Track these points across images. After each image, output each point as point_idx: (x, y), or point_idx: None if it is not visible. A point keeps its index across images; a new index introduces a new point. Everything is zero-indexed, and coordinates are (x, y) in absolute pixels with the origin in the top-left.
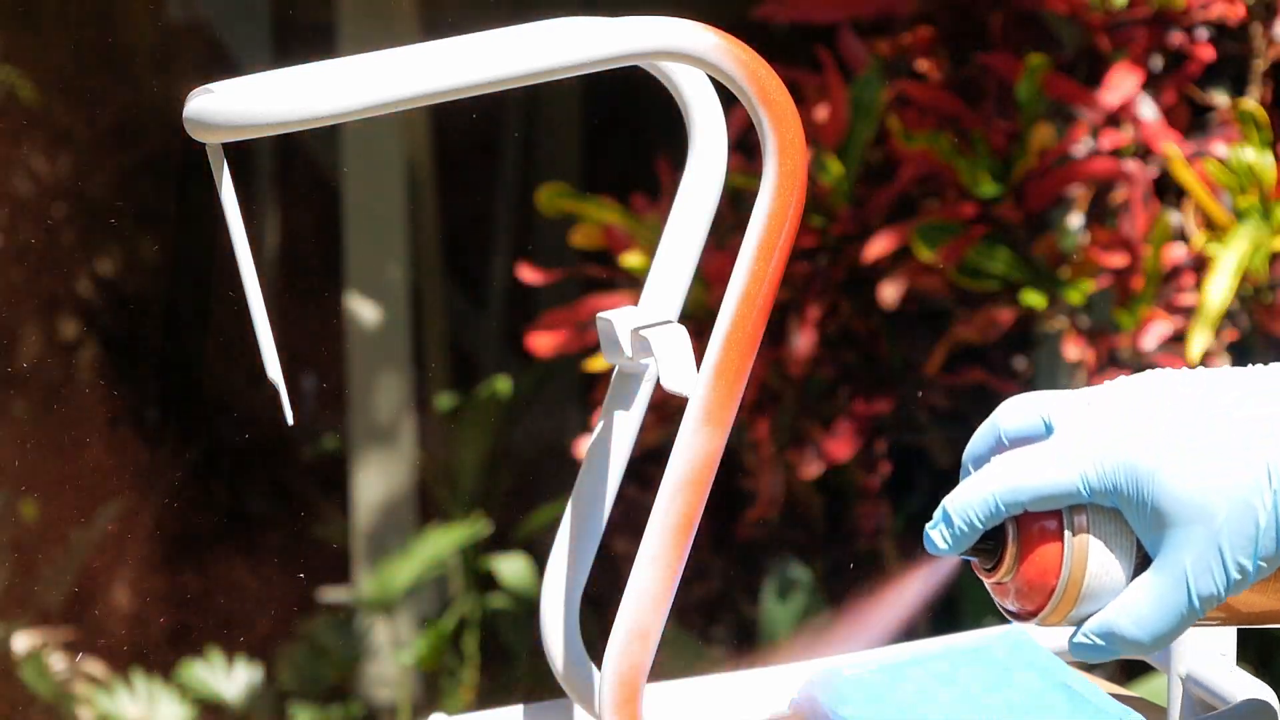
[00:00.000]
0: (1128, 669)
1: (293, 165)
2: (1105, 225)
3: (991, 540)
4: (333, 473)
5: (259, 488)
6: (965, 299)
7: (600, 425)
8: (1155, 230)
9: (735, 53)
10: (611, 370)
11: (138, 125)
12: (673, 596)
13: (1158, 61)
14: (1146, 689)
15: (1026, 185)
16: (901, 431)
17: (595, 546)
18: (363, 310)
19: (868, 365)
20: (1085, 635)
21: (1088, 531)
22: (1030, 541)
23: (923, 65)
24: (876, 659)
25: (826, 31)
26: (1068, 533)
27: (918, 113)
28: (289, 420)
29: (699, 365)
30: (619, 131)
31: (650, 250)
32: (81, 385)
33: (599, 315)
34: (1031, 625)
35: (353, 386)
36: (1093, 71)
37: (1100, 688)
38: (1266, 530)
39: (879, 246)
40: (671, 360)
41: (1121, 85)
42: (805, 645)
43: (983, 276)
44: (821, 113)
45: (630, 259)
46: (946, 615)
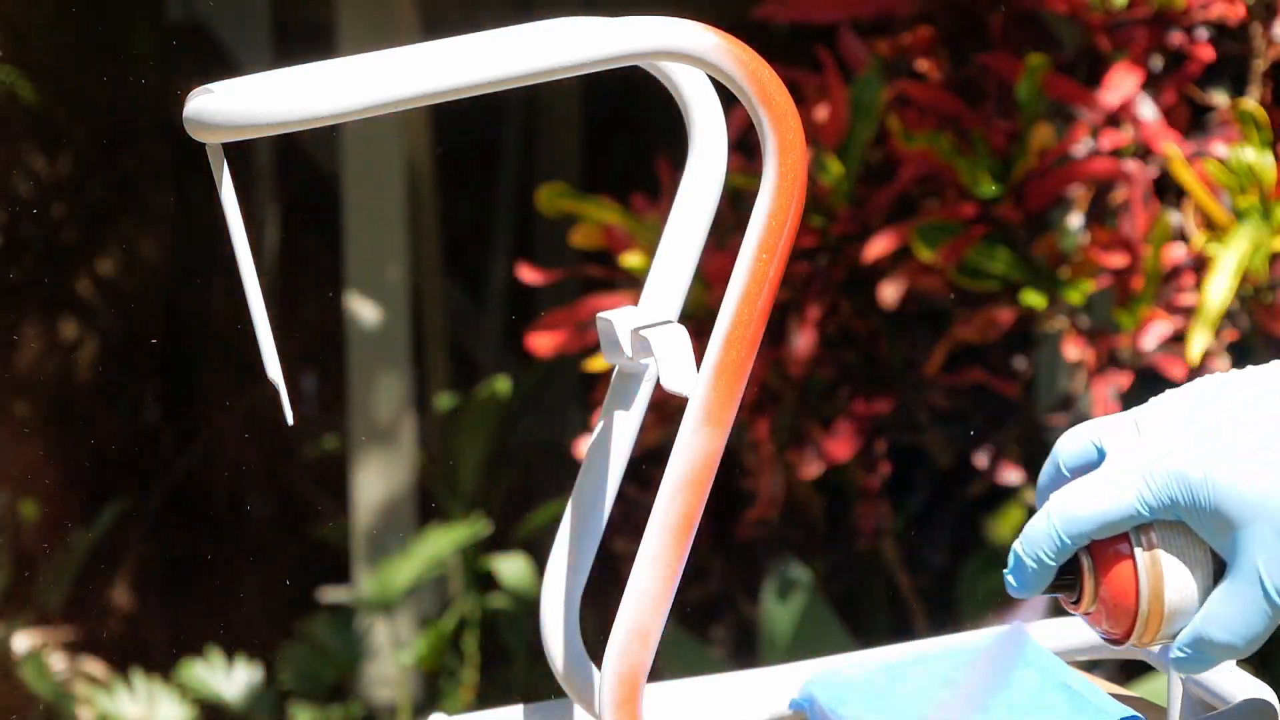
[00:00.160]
0: (1128, 669)
1: (293, 165)
2: (1105, 225)
3: (1070, 574)
4: (333, 473)
5: (259, 487)
6: (965, 299)
7: (600, 425)
8: (1155, 230)
9: (735, 53)
10: (611, 370)
11: (138, 125)
12: (673, 596)
13: (1158, 61)
14: (1146, 689)
15: (1026, 185)
16: (901, 431)
17: (595, 546)
18: (363, 310)
19: (868, 365)
20: (1180, 649)
21: (1158, 548)
22: (1105, 568)
23: (923, 65)
24: (876, 659)
25: (826, 31)
26: (1138, 551)
27: (918, 113)
28: (289, 420)
29: (699, 365)
30: (619, 131)
31: (650, 250)
32: (81, 385)
33: (599, 315)
34: (1130, 649)
35: (353, 386)
36: (1093, 71)
37: (1100, 688)
38: None
39: (879, 246)
40: (671, 360)
41: (1121, 85)
42: None
43: (983, 276)
44: (821, 113)
45: (630, 259)
46: (946, 615)
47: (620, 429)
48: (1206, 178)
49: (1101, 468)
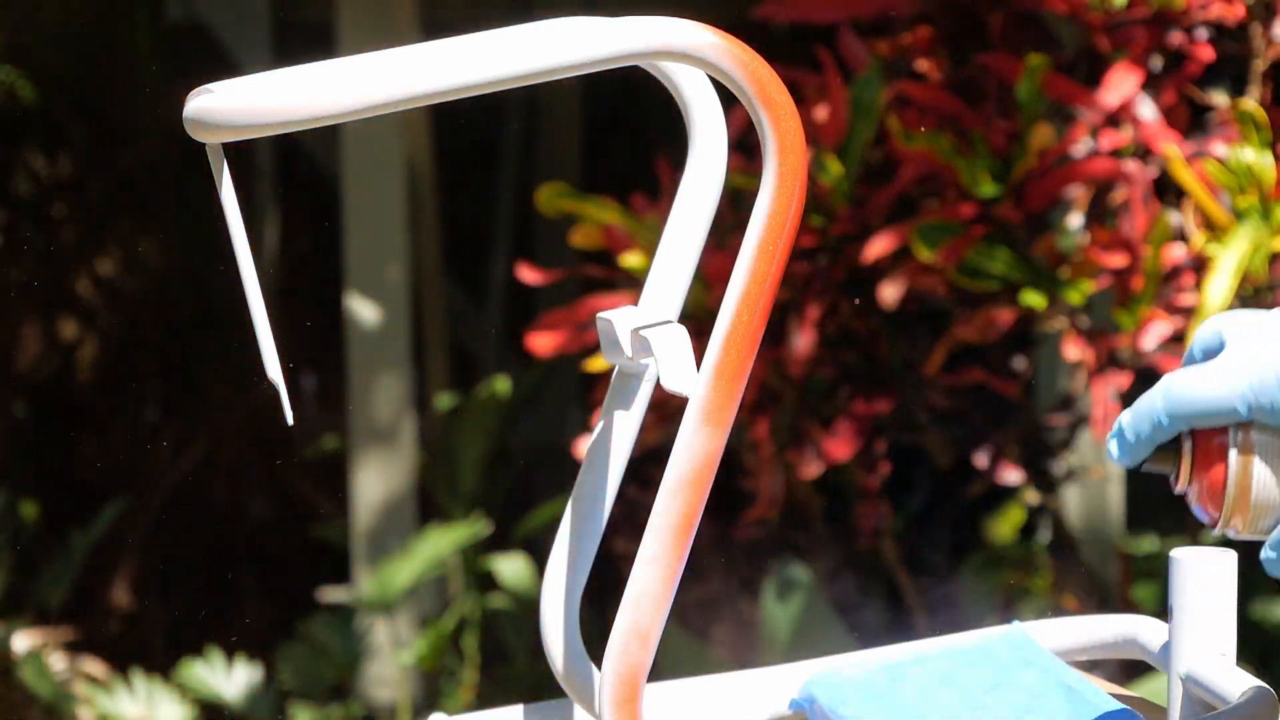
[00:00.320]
0: (1128, 669)
1: (293, 165)
2: (1105, 225)
3: (1173, 452)
4: (333, 473)
5: (259, 487)
6: (965, 299)
7: (600, 425)
8: (1155, 230)
9: (735, 53)
10: (611, 370)
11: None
12: (673, 596)
13: (1157, 62)
14: (1146, 689)
15: (1026, 185)
16: (901, 431)
17: (595, 546)
18: (363, 310)
19: (868, 365)
20: (1269, 549)
21: (1253, 451)
22: (1201, 456)
23: (923, 65)
24: (877, 659)
25: (826, 31)
26: (1233, 451)
27: (918, 113)
28: (289, 420)
29: (699, 365)
30: (619, 131)
31: (650, 250)
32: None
33: (599, 315)
34: (1223, 533)
35: (353, 386)
36: (1093, 71)
37: (1100, 688)
38: None
39: (879, 246)
40: (671, 360)
41: (1121, 85)
42: None
43: (983, 276)
44: (821, 113)
45: (630, 259)
46: (946, 615)
47: (620, 429)
48: (1206, 178)
49: (1219, 358)
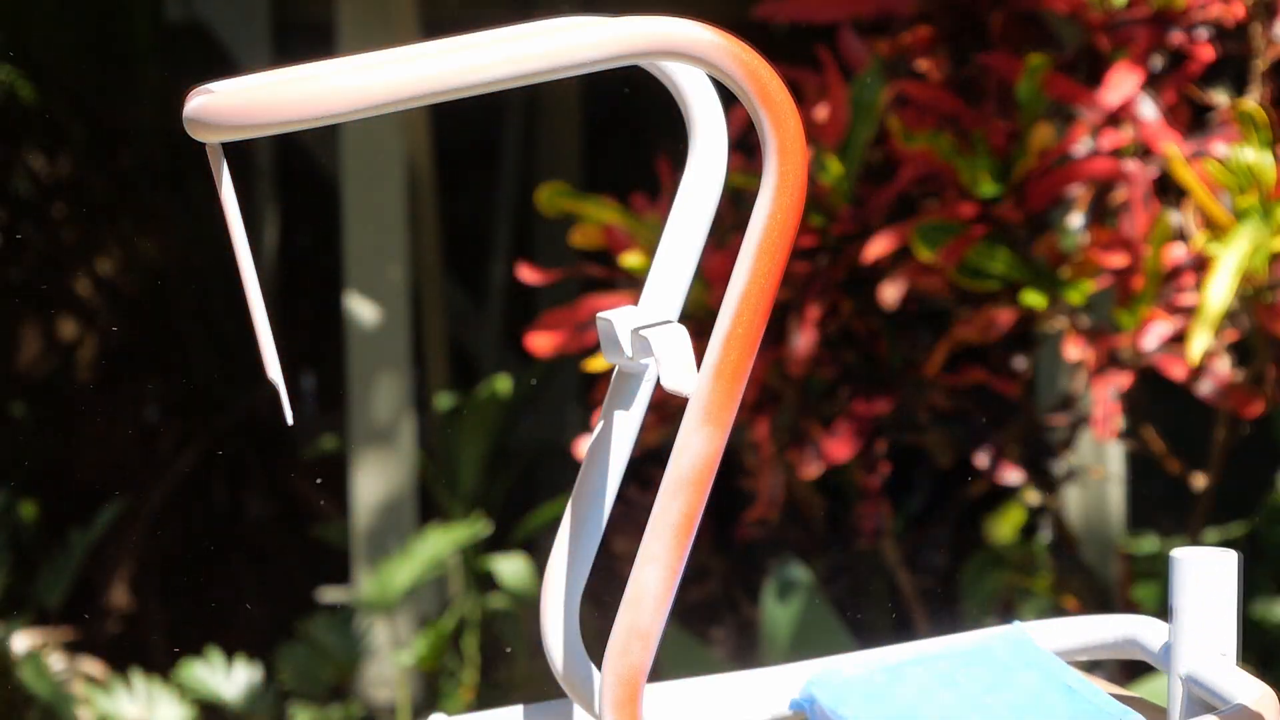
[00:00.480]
0: (1128, 669)
1: (293, 165)
2: (1105, 225)
3: None
4: (333, 473)
5: (259, 488)
6: (965, 299)
7: (600, 425)
8: (1155, 230)
9: (735, 52)
10: (611, 370)
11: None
12: (673, 596)
13: (1158, 61)
14: (1146, 689)
15: (1026, 185)
16: (901, 431)
17: (595, 546)
18: (363, 310)
19: (868, 365)
20: None
21: None
22: None
23: (923, 65)
24: (876, 659)
25: (826, 31)
26: None
27: (918, 113)
28: (289, 420)
29: (699, 365)
30: (619, 131)
31: (650, 250)
32: (82, 385)
33: (599, 315)
34: None
35: (353, 386)
36: (1093, 71)
37: (1100, 688)
38: None
39: (879, 246)
40: (671, 360)
41: (1121, 85)
42: None
43: (983, 276)
44: (821, 113)
45: (630, 259)
46: (946, 615)
47: (620, 429)
48: (1207, 178)
49: None
